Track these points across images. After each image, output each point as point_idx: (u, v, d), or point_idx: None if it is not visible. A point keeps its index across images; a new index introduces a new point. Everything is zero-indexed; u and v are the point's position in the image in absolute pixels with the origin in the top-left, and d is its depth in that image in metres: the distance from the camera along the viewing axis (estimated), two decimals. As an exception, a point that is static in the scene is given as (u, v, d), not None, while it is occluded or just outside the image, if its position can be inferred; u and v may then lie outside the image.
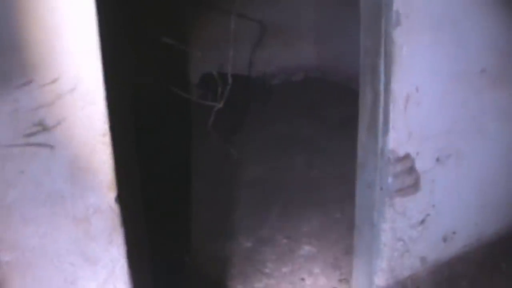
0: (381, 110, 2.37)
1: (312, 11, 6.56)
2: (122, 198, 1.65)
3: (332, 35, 6.39)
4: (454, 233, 2.77)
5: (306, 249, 3.25)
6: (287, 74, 6.68)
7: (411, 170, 2.51)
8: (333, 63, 6.47)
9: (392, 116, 2.36)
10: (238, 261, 3.18)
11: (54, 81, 1.48)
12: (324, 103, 5.85)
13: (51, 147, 1.53)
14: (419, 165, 2.52)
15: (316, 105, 5.82)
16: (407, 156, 2.47)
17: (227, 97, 3.26)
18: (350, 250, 2.87)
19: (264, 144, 4.86)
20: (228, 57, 3.51)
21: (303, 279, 2.98)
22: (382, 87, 2.34)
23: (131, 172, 1.83)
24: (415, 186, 2.55)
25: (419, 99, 2.42)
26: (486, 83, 2.59)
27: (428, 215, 2.64)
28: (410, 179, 2.52)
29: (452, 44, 2.43)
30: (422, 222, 2.63)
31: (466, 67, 2.50)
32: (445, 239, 2.74)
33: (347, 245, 3.12)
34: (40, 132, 1.50)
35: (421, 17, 2.32)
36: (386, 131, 2.38)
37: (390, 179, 2.46)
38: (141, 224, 1.95)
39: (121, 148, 1.66)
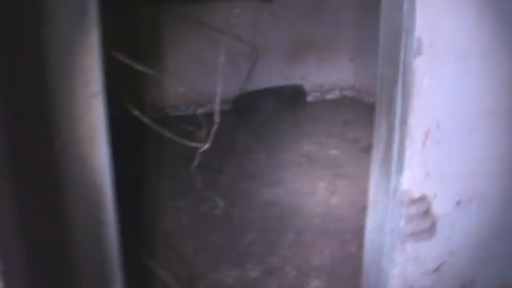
0: (395, 146, 2.15)
1: (351, 27, 6.33)
2: (10, 273, 1.34)
3: (370, 54, 6.13)
4: (473, 283, 2.53)
5: (314, 284, 3.03)
6: (322, 91, 6.46)
7: (427, 213, 2.28)
8: (370, 83, 6.21)
9: (408, 153, 2.15)
10: (240, 291, 2.99)
11: None
12: (357, 124, 5.62)
13: None
14: (436, 208, 2.30)
15: (349, 126, 5.60)
16: (423, 198, 2.25)
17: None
18: (361, 290, 2.64)
19: (287, 164, 4.66)
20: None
21: (307, 318, 2.77)
22: (398, 121, 2.12)
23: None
24: (430, 231, 2.32)
25: (440, 136, 2.19)
26: (518, 121, 2.35)
27: (444, 262, 2.41)
28: (425, 223, 2.30)
29: (481, 77, 2.20)
30: (437, 269, 2.40)
31: (496, 103, 2.27)
32: (462, 290, 2.50)
33: (359, 283, 2.89)
34: None
35: (447, 46, 2.10)
36: (400, 169, 2.17)
37: (402, 222, 2.24)
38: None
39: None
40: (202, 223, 3.70)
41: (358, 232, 3.43)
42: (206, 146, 2.92)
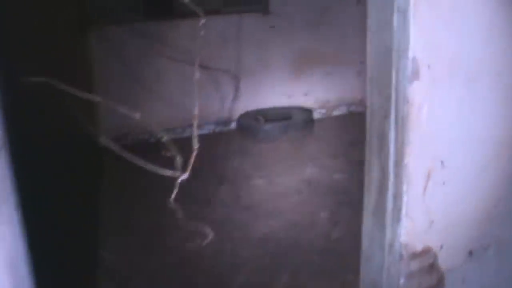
0: (390, 192, 1.77)
1: (357, 39, 5.93)
2: None
3: (378, 67, 5.77)
4: None
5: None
6: (327, 108, 6.09)
7: (432, 267, 1.91)
8: (378, 97, 5.84)
9: (405, 199, 1.77)
10: None
11: None
12: (365, 144, 5.22)
13: None
14: (443, 261, 1.93)
15: (356, 146, 5.18)
16: (426, 251, 1.87)
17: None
18: None
19: (287, 191, 4.28)
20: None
21: None
22: (391, 162, 1.75)
23: None
24: (437, 288, 1.93)
25: (445, 177, 1.82)
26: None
27: (455, 324, 2.01)
28: (431, 279, 1.93)
29: (494, 103, 1.84)
30: (447, 333, 2.00)
31: (512, 134, 1.88)
32: None
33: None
34: None
35: (450, 67, 1.73)
36: (396, 219, 1.79)
37: (402, 280, 1.87)
38: None
39: None
40: (188, 263, 3.33)
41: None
42: (185, 175, 2.56)
